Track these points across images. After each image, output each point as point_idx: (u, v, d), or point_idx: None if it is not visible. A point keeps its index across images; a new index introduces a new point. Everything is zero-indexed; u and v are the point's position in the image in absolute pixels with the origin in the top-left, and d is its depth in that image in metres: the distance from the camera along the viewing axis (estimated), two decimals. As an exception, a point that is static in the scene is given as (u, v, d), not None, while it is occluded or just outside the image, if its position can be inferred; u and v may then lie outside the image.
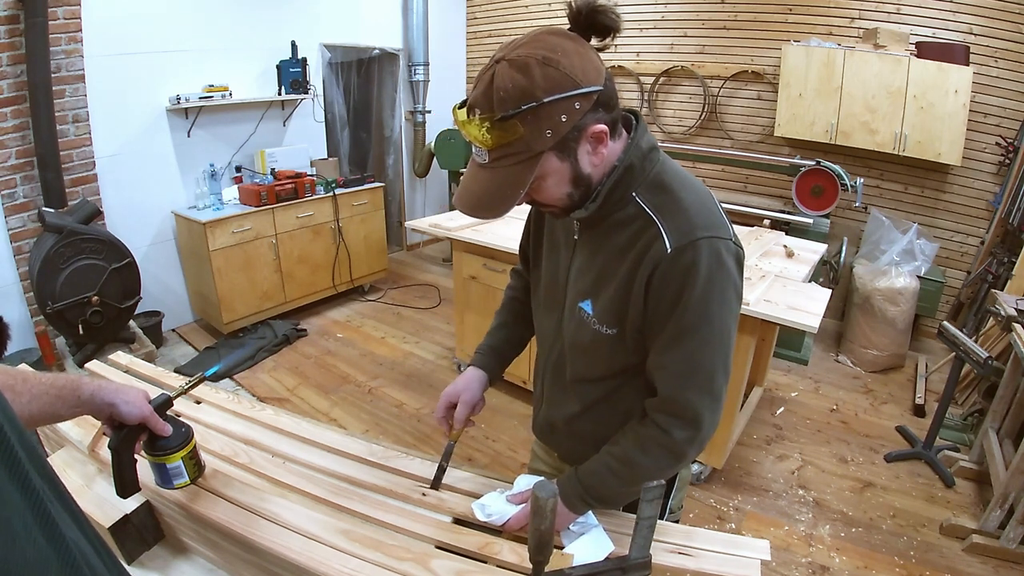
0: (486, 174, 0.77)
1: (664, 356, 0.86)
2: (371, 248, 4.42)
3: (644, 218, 0.83)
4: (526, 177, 0.75)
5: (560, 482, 0.97)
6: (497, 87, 0.70)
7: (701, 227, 0.81)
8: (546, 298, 1.04)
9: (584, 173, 0.80)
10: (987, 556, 2.09)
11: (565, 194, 0.82)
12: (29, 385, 0.71)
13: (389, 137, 5.27)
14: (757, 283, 2.18)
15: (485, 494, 1.02)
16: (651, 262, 0.81)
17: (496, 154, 0.74)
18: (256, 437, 1.19)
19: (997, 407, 2.46)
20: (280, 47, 3.88)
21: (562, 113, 0.72)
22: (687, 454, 0.90)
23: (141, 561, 0.98)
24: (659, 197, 0.84)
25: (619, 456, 0.92)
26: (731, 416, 2.29)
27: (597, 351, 0.94)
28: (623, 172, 0.83)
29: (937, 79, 3.29)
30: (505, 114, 0.70)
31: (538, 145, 0.73)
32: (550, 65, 0.70)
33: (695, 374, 0.85)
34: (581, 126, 0.75)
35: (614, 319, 0.89)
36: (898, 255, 3.49)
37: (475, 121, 0.72)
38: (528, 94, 0.69)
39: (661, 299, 0.82)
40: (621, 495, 0.96)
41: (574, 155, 0.77)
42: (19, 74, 2.82)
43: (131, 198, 3.43)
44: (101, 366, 1.46)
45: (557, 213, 0.88)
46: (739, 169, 4.25)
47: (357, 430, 2.69)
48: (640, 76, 4.59)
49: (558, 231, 1.01)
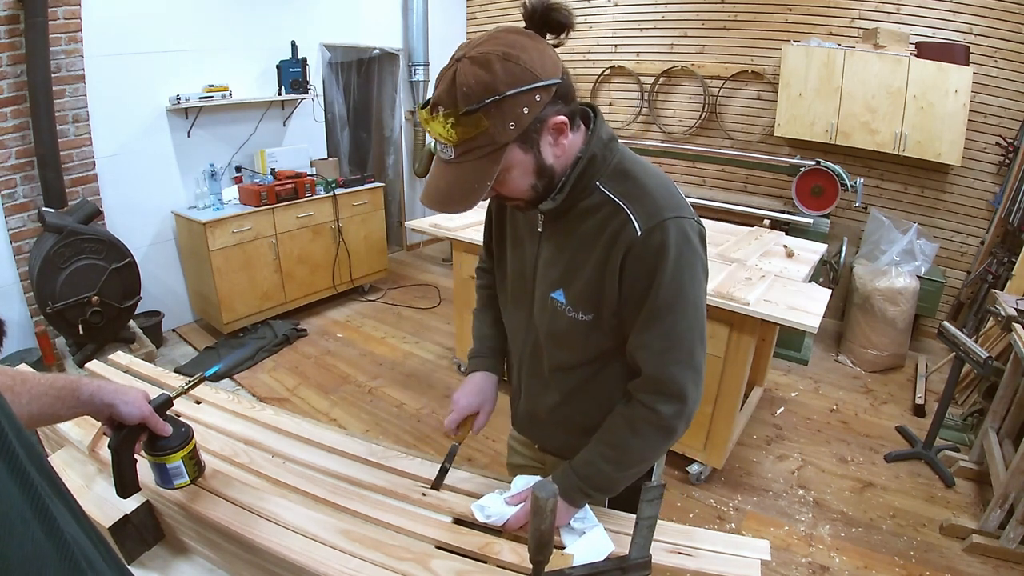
0: (452, 170, 0.79)
1: (644, 335, 0.89)
2: (371, 248, 4.42)
3: (611, 205, 0.87)
4: (492, 169, 0.77)
5: (556, 477, 0.98)
6: (460, 84, 0.72)
7: (667, 208, 0.85)
8: (514, 292, 1.06)
9: (547, 164, 0.83)
10: (987, 556, 2.09)
11: (529, 186, 0.84)
12: (28, 386, 0.71)
13: (389, 137, 5.27)
14: (757, 283, 2.18)
15: (484, 495, 1.02)
16: (623, 245, 0.85)
17: (461, 149, 0.76)
18: (256, 437, 1.19)
19: (997, 407, 2.46)
20: (280, 47, 3.88)
21: (524, 106, 0.74)
22: (677, 429, 0.93)
23: (141, 561, 0.98)
24: (623, 185, 0.87)
25: (610, 442, 0.94)
26: (731, 416, 2.29)
27: (574, 338, 0.96)
28: (587, 163, 0.86)
29: (937, 79, 3.29)
30: (469, 108, 0.72)
31: (502, 137, 0.75)
32: (510, 60, 0.73)
33: (676, 349, 0.89)
34: (543, 118, 0.78)
35: (590, 305, 0.91)
36: (898, 255, 3.49)
37: (439, 118, 0.74)
38: (491, 88, 0.72)
39: (636, 280, 0.86)
40: (617, 481, 0.97)
41: (537, 146, 0.80)
42: (19, 74, 2.82)
43: (131, 198, 3.43)
44: (101, 366, 1.46)
45: (522, 206, 0.90)
46: (739, 169, 4.25)
47: (357, 430, 2.69)
48: (640, 76, 4.58)
49: (520, 225, 1.02)
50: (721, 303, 2.05)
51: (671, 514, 2.29)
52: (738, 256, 2.50)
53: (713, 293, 2.06)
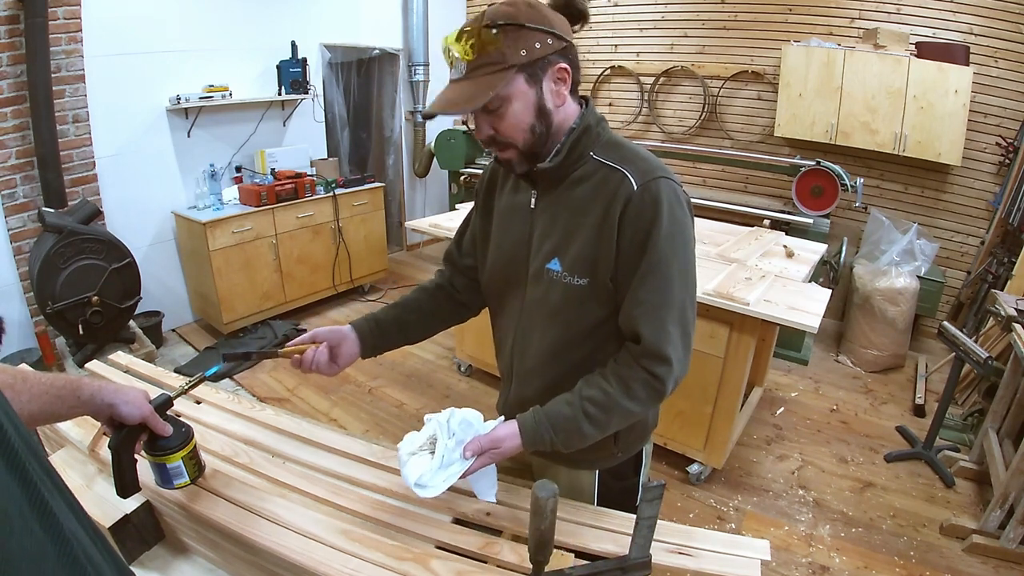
0: (461, 84, 0.86)
1: (640, 291, 0.91)
2: (371, 248, 4.42)
3: (606, 168, 0.93)
4: (497, 83, 0.84)
5: (525, 423, 0.93)
6: (487, 13, 0.84)
7: (659, 170, 0.91)
8: (505, 277, 1.06)
9: (547, 107, 0.89)
10: (987, 556, 2.09)
11: (528, 125, 0.89)
12: (29, 384, 0.71)
13: (389, 137, 5.27)
14: (757, 283, 2.18)
15: (406, 465, 0.90)
16: (622, 199, 0.89)
17: (474, 65, 0.84)
18: (256, 437, 1.19)
19: (997, 407, 2.46)
20: (280, 47, 3.88)
21: (537, 41, 0.84)
22: (667, 391, 0.94)
23: (141, 561, 0.98)
24: (616, 152, 0.94)
25: (601, 401, 0.92)
26: (731, 416, 2.28)
27: (567, 308, 0.97)
28: (582, 132, 0.93)
29: (937, 79, 3.29)
30: (490, 23, 0.82)
31: (512, 59, 0.84)
32: (533, 8, 0.85)
33: (671, 307, 0.91)
34: (550, 60, 0.87)
35: (586, 268, 0.93)
36: (898, 255, 3.49)
37: (463, 38, 0.84)
38: (512, 17, 0.83)
39: (635, 233, 0.89)
40: (590, 439, 0.95)
41: (540, 85, 0.88)
42: (19, 74, 2.82)
43: (131, 198, 3.43)
44: (101, 366, 1.46)
45: (515, 160, 0.93)
46: (739, 169, 4.25)
47: (357, 430, 2.69)
48: (640, 76, 4.59)
49: (509, 212, 1.04)
50: (721, 303, 2.05)
51: (671, 514, 2.29)
52: (738, 256, 2.50)
53: (713, 293, 2.06)
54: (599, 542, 0.95)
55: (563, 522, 0.97)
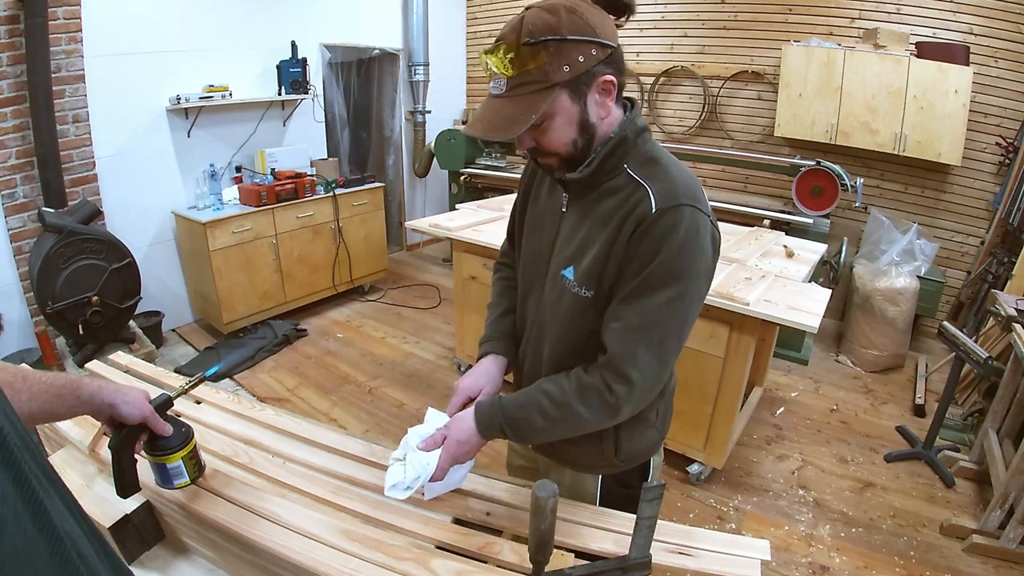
0: (501, 102, 0.82)
1: (623, 307, 0.88)
2: (371, 248, 4.42)
3: (633, 184, 0.88)
4: (539, 104, 0.80)
5: (481, 408, 0.95)
6: (526, 23, 0.78)
7: (685, 196, 0.86)
8: (529, 275, 1.06)
9: (590, 121, 0.86)
10: (987, 556, 2.09)
11: (571, 140, 0.86)
12: (29, 383, 0.71)
13: (389, 137, 5.27)
14: (757, 283, 2.18)
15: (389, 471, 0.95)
16: (635, 220, 0.86)
17: (514, 82, 0.80)
18: (256, 437, 1.19)
19: (997, 407, 2.46)
20: (280, 47, 3.88)
21: (580, 54, 0.79)
22: (622, 411, 0.91)
23: (141, 561, 0.98)
24: (649, 169, 0.89)
25: (556, 398, 0.91)
26: (731, 416, 2.28)
27: (571, 318, 0.96)
28: (617, 143, 0.88)
29: (937, 79, 3.29)
30: (530, 40, 0.77)
31: (555, 77, 0.79)
32: (575, 13, 0.78)
33: (648, 331, 0.87)
34: (595, 72, 0.81)
35: (593, 280, 0.91)
36: (898, 255, 3.49)
37: (499, 52, 0.79)
38: (554, 29, 0.77)
39: (638, 254, 0.86)
40: (540, 436, 0.95)
41: (584, 100, 0.83)
42: (19, 74, 2.82)
43: (131, 198, 3.43)
44: (101, 366, 1.46)
45: (555, 165, 0.91)
46: (739, 169, 4.25)
47: (357, 430, 2.69)
48: (640, 76, 4.59)
49: (544, 208, 1.04)
50: (721, 303, 2.05)
51: (671, 514, 2.29)
52: (738, 256, 2.50)
53: (713, 293, 2.06)
54: (599, 542, 0.95)
55: (563, 522, 0.97)
